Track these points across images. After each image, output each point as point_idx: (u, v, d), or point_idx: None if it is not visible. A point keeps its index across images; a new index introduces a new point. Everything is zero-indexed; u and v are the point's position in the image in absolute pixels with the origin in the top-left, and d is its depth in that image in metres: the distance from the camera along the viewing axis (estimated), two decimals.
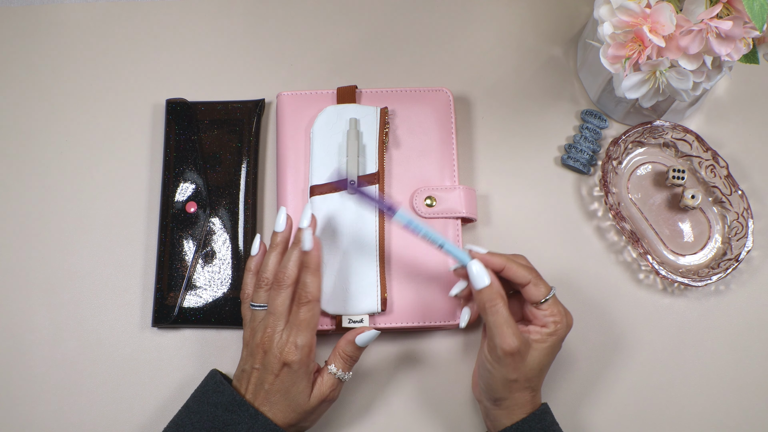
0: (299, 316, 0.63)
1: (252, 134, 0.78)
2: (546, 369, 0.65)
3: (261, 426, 0.62)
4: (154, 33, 0.83)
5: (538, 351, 0.63)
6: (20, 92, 0.81)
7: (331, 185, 0.73)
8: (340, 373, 0.65)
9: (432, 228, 0.68)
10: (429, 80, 0.81)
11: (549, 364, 0.65)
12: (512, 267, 0.64)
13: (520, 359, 0.62)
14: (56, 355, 0.74)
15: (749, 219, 0.74)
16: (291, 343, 0.63)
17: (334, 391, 0.65)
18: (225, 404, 0.63)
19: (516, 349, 0.61)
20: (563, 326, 0.64)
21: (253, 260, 0.69)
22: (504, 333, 0.61)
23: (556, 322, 0.64)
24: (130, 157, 0.79)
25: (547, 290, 0.64)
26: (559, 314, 0.64)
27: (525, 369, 0.62)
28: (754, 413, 0.73)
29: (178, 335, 0.74)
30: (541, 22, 0.83)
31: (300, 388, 0.63)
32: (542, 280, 0.65)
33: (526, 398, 0.64)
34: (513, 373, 0.62)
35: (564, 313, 0.65)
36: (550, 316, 0.64)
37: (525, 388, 0.63)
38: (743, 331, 0.75)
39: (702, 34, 0.62)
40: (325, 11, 0.84)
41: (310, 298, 0.63)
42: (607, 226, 0.77)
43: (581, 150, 0.78)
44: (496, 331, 0.61)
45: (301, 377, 0.63)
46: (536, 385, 0.64)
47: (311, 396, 0.64)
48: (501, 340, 0.61)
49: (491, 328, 0.62)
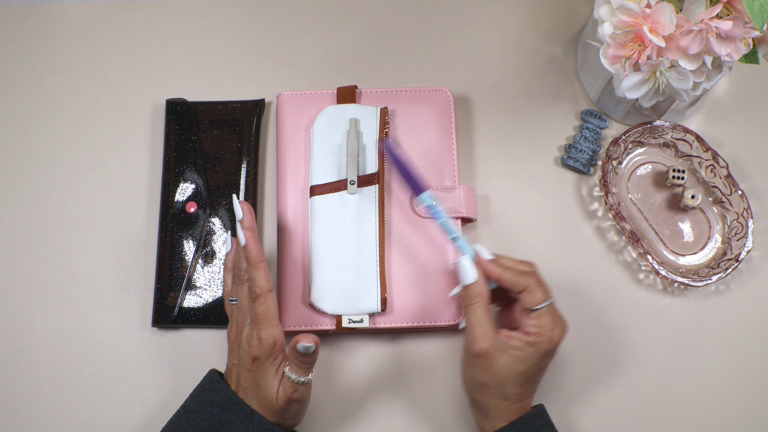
0: (255, 311, 0.63)
1: (252, 134, 0.78)
2: (525, 379, 0.63)
3: (256, 424, 0.62)
4: (154, 33, 0.83)
5: (512, 358, 0.62)
6: (20, 92, 0.81)
7: (330, 185, 0.73)
8: (293, 377, 0.62)
9: (451, 220, 0.68)
10: (429, 80, 0.81)
11: (530, 376, 0.63)
12: (506, 276, 0.64)
13: (489, 362, 0.61)
14: (56, 355, 0.74)
15: (749, 219, 0.74)
16: (255, 337, 0.63)
17: (297, 393, 0.62)
18: (221, 403, 0.63)
19: (482, 351, 0.61)
20: (545, 340, 0.62)
21: (229, 257, 0.70)
22: (474, 333, 0.62)
23: (538, 334, 0.62)
24: (130, 157, 0.79)
25: (541, 300, 0.63)
26: (544, 327, 0.62)
27: (495, 373, 0.62)
28: (754, 413, 0.73)
29: (178, 335, 0.74)
30: (541, 22, 0.83)
31: (268, 382, 0.62)
32: (541, 289, 0.63)
33: (500, 406, 0.63)
34: (482, 376, 0.62)
35: (551, 327, 0.62)
36: (534, 327, 0.62)
37: (498, 395, 0.62)
38: (743, 331, 0.75)
39: (702, 34, 0.62)
40: (325, 11, 0.84)
41: (259, 292, 0.62)
42: (607, 226, 0.77)
43: (581, 150, 0.78)
44: (468, 330, 0.62)
45: (268, 371, 0.62)
46: (511, 395, 0.63)
47: (277, 395, 0.62)
48: (470, 340, 0.62)
49: (466, 327, 0.63)
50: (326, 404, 0.72)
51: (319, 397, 0.73)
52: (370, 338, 0.74)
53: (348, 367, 0.73)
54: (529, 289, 0.63)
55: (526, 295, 0.63)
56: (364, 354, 0.74)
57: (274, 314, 0.63)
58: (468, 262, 0.64)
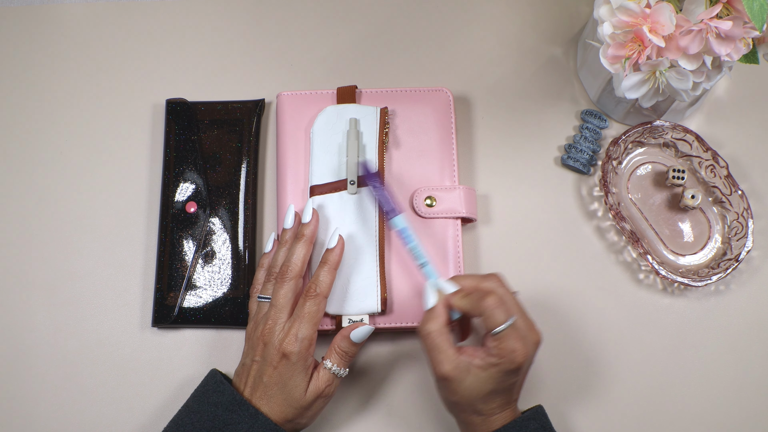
0: (304, 309, 0.64)
1: (252, 134, 0.78)
2: (494, 396, 0.62)
3: (261, 425, 0.62)
4: (154, 33, 0.83)
5: (477, 378, 0.61)
6: (20, 92, 0.81)
7: (330, 185, 0.73)
8: (335, 369, 0.65)
9: (420, 245, 0.68)
10: (429, 80, 0.81)
11: (496, 392, 0.62)
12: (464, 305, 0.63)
13: (455, 384, 0.61)
14: (56, 355, 0.74)
15: (749, 219, 0.74)
16: (292, 334, 0.63)
17: (330, 387, 0.65)
18: (225, 404, 0.63)
19: (445, 374, 0.61)
20: (506, 361, 0.60)
21: (266, 257, 0.71)
22: (434, 359, 0.62)
23: (499, 356, 0.60)
24: (130, 157, 0.79)
25: (502, 321, 0.61)
26: (504, 350, 0.60)
27: (462, 394, 0.62)
28: (754, 413, 0.73)
29: (178, 335, 0.74)
30: (541, 22, 0.83)
31: (297, 381, 0.63)
32: (501, 309, 0.61)
33: (476, 421, 0.63)
34: (451, 396, 0.62)
35: (511, 349, 0.60)
36: (495, 349, 0.61)
37: (470, 411, 0.63)
38: (743, 331, 0.75)
39: (702, 34, 0.62)
40: (325, 11, 0.84)
41: (319, 293, 0.65)
42: (607, 226, 0.77)
43: (581, 150, 0.78)
44: (429, 356, 0.62)
45: (298, 370, 0.63)
46: (484, 410, 0.62)
47: (307, 391, 0.64)
48: (433, 365, 0.62)
49: (427, 352, 0.63)
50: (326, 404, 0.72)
51: None
52: (370, 338, 0.74)
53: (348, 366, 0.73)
54: (486, 315, 0.61)
55: (486, 319, 0.62)
56: (364, 354, 0.74)
57: (320, 318, 0.65)
58: (430, 290, 0.65)
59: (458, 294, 0.64)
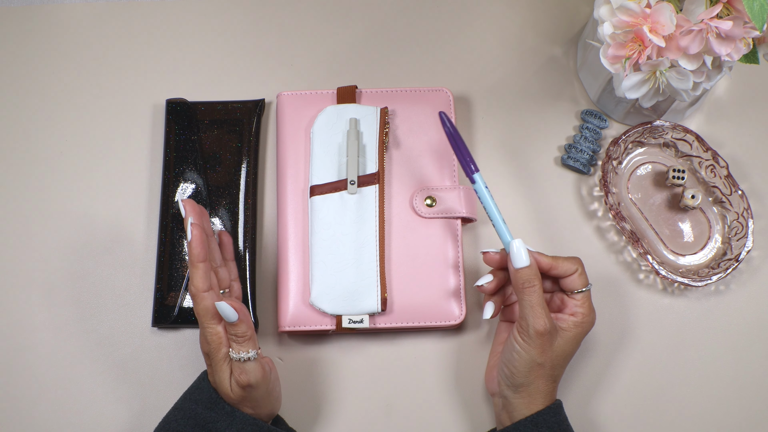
0: (195, 311, 0.64)
1: (252, 134, 0.78)
2: (567, 360, 0.67)
3: (238, 421, 0.63)
4: (154, 33, 0.83)
5: (564, 339, 0.65)
6: (20, 92, 0.81)
7: (331, 185, 0.73)
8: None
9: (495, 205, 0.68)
10: (429, 80, 0.81)
11: (570, 356, 0.67)
12: (559, 264, 0.66)
13: (549, 342, 0.64)
14: (56, 355, 0.74)
15: (749, 219, 0.74)
16: (201, 335, 0.64)
17: (244, 375, 0.63)
18: (204, 401, 0.64)
19: (548, 329, 0.64)
20: (589, 320, 0.66)
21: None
22: (538, 313, 0.64)
23: (584, 314, 0.66)
24: (130, 157, 0.79)
25: (585, 282, 0.66)
26: (589, 308, 0.66)
27: (552, 354, 0.65)
28: (754, 413, 0.73)
29: (178, 335, 0.74)
30: (541, 22, 0.83)
31: (221, 377, 0.63)
32: (585, 273, 0.67)
33: (548, 388, 0.65)
34: (541, 356, 0.64)
35: (592, 309, 0.67)
36: (581, 307, 0.66)
37: (548, 376, 0.65)
38: (743, 331, 0.75)
39: (702, 34, 0.62)
40: (325, 11, 0.84)
41: (194, 292, 0.63)
42: (607, 226, 0.77)
43: (581, 150, 0.78)
44: (530, 312, 0.64)
45: (219, 366, 0.63)
46: (558, 375, 0.66)
47: (231, 385, 0.63)
48: (534, 320, 0.63)
49: (525, 308, 0.64)
50: (326, 404, 0.72)
51: (319, 396, 0.73)
52: (370, 338, 0.74)
53: (348, 367, 0.73)
54: (579, 272, 0.66)
55: (576, 277, 0.66)
56: (364, 354, 0.74)
57: (214, 313, 0.63)
58: (521, 245, 0.65)
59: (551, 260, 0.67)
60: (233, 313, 0.62)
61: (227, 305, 0.62)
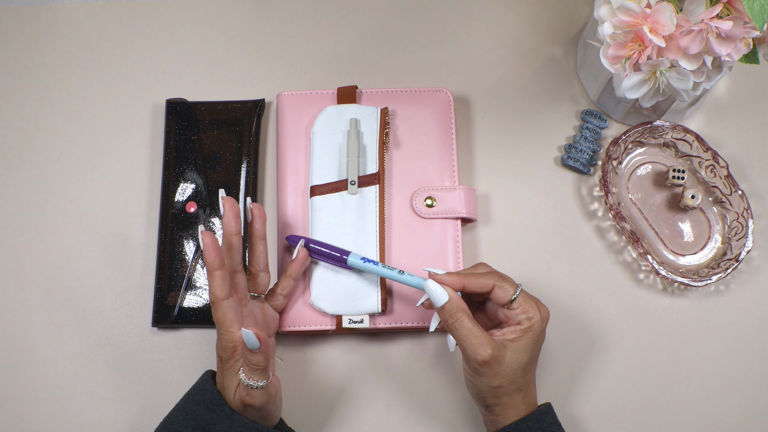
0: (214, 317, 0.63)
1: (252, 134, 0.78)
2: (530, 366, 0.64)
3: (238, 425, 0.62)
4: (154, 33, 0.83)
5: (516, 351, 0.63)
6: (20, 92, 0.81)
7: (331, 185, 0.73)
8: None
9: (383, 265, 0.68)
10: (429, 80, 0.81)
11: (532, 361, 0.64)
12: (470, 281, 0.64)
13: (498, 365, 0.62)
14: (56, 355, 0.74)
15: (749, 219, 0.74)
16: (218, 339, 0.64)
17: (250, 397, 0.62)
18: (206, 403, 0.64)
19: (489, 357, 0.61)
20: (537, 320, 0.63)
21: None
22: (473, 344, 0.62)
23: (529, 318, 0.63)
24: (130, 157, 0.79)
25: (513, 289, 0.64)
26: (531, 309, 0.63)
27: (506, 373, 0.62)
28: (754, 413, 0.73)
29: (178, 335, 0.74)
30: (541, 22, 0.83)
31: (228, 383, 0.63)
32: (507, 280, 0.64)
33: (517, 400, 0.64)
34: (494, 380, 0.62)
35: (536, 307, 0.64)
36: (522, 313, 0.63)
37: (513, 390, 0.63)
38: (743, 331, 0.75)
39: (702, 34, 0.62)
40: (325, 11, 0.84)
41: (213, 299, 0.63)
42: (607, 226, 0.77)
43: (581, 150, 0.78)
44: (466, 344, 0.62)
45: (229, 372, 0.63)
46: (523, 385, 0.64)
47: (234, 396, 0.63)
48: (473, 352, 0.62)
49: (461, 342, 0.62)
50: (326, 404, 0.72)
51: (319, 396, 0.73)
52: (370, 338, 0.74)
53: (348, 367, 0.73)
54: (497, 285, 0.64)
55: (497, 291, 0.64)
56: (364, 354, 0.74)
57: (231, 321, 0.62)
58: (433, 285, 0.64)
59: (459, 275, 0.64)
60: (256, 343, 0.60)
61: (252, 335, 0.60)
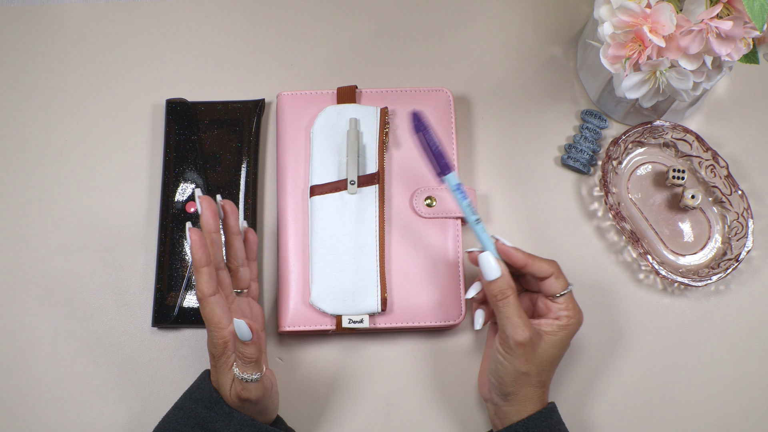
0: (202, 314, 0.63)
1: (252, 134, 0.78)
2: (555, 364, 0.66)
3: (236, 422, 0.63)
4: (154, 33, 0.83)
5: (549, 344, 0.64)
6: (20, 92, 0.81)
7: (331, 185, 0.73)
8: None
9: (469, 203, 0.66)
10: (429, 80, 0.81)
11: (558, 359, 0.66)
12: (533, 262, 0.65)
13: (532, 350, 0.63)
14: (56, 355, 0.74)
15: (749, 219, 0.74)
16: (209, 337, 0.63)
17: (246, 391, 0.62)
18: (204, 401, 0.64)
19: (528, 339, 0.62)
20: (575, 321, 0.65)
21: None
22: (515, 323, 0.62)
23: (569, 317, 0.65)
24: (130, 157, 0.79)
25: (565, 285, 0.65)
26: (573, 309, 0.65)
27: (536, 361, 0.63)
28: (754, 413, 0.73)
29: (178, 335, 0.74)
30: (541, 22, 0.83)
31: (223, 380, 0.63)
32: (562, 275, 0.66)
33: (536, 394, 0.65)
34: (524, 365, 0.63)
35: (577, 309, 0.66)
36: (565, 310, 0.65)
37: (535, 382, 0.64)
38: (743, 331, 0.75)
39: (702, 34, 0.62)
40: (325, 11, 0.84)
41: (200, 296, 0.62)
42: (607, 226, 0.77)
43: (581, 150, 0.78)
44: (507, 323, 0.63)
45: (222, 369, 0.63)
46: (546, 380, 0.65)
47: (230, 392, 0.63)
48: (513, 331, 0.62)
49: (503, 320, 0.63)
50: (326, 404, 0.72)
51: (319, 396, 0.73)
52: (370, 338, 0.74)
53: (348, 367, 0.73)
54: (555, 275, 0.65)
55: (553, 280, 0.65)
56: (364, 354, 0.74)
57: (220, 317, 0.62)
58: (490, 257, 0.64)
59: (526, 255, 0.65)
60: (248, 333, 0.60)
61: (245, 325, 0.59)
